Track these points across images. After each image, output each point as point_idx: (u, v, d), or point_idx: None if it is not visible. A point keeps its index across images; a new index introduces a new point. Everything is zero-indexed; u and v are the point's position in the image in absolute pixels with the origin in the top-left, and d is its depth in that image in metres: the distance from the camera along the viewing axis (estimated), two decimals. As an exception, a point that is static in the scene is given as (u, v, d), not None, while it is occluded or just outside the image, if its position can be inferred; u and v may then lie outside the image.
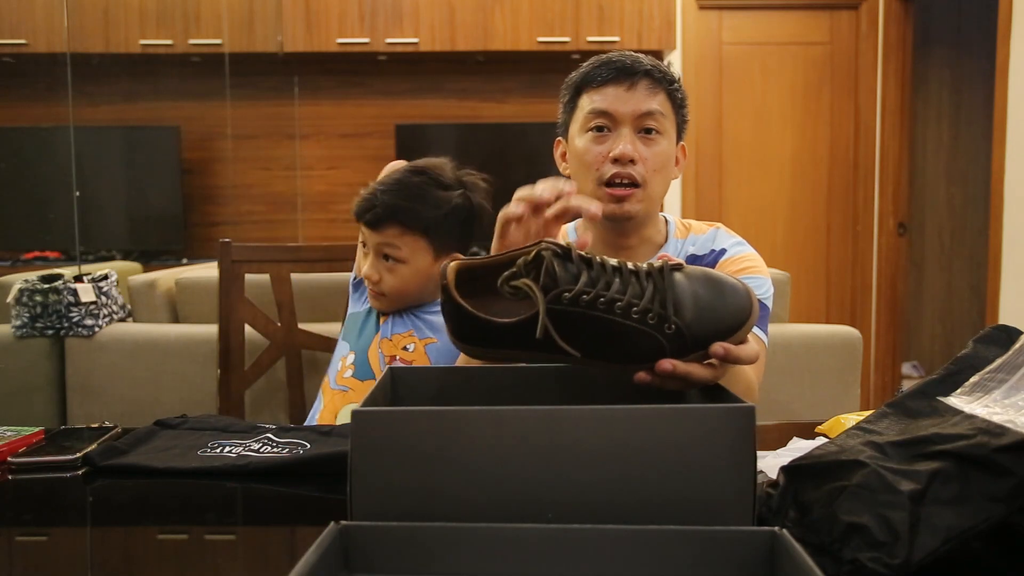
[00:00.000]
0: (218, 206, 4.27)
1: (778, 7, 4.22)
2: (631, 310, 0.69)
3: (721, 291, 0.72)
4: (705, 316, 0.71)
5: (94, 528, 0.78)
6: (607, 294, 0.69)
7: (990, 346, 0.73)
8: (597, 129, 1.21)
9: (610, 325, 0.69)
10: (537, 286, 0.68)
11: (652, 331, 0.70)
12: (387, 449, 0.60)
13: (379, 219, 1.34)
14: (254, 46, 3.89)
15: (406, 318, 1.41)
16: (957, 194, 4.70)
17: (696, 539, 0.55)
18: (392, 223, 1.35)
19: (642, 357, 0.70)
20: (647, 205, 1.22)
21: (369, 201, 1.35)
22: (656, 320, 0.70)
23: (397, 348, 1.37)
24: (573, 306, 0.69)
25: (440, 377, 0.82)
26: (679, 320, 0.70)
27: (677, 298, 0.71)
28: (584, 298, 0.69)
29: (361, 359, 1.37)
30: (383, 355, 1.36)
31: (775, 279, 1.47)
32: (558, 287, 0.68)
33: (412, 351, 1.37)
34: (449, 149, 4.25)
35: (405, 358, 1.36)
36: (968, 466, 0.59)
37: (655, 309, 0.70)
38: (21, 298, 1.97)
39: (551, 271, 0.68)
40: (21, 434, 0.98)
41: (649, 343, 0.70)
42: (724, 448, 0.60)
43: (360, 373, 1.36)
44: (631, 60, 1.21)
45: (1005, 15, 3.18)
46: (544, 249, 0.69)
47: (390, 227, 1.35)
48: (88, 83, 3.95)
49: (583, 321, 0.69)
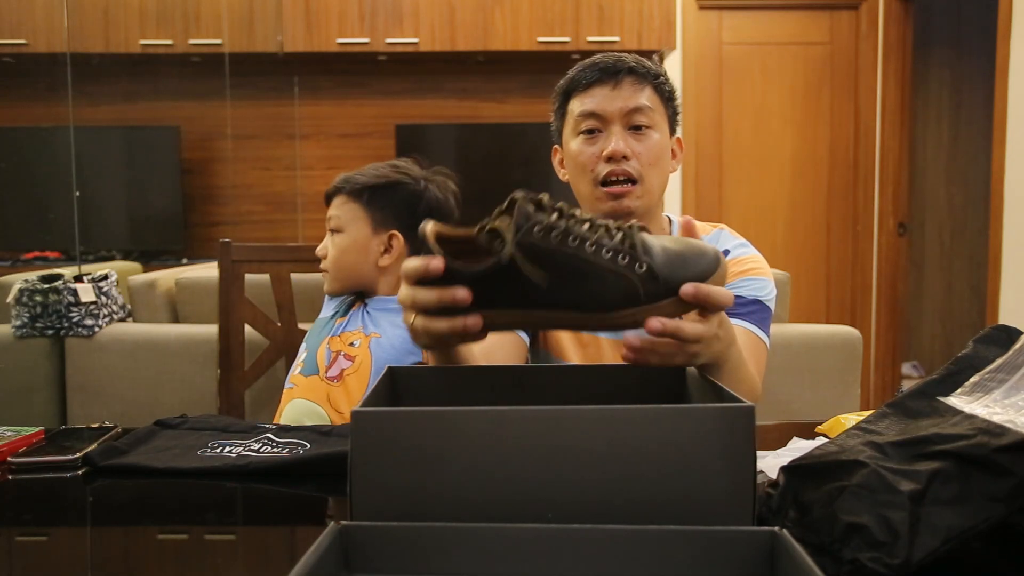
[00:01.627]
0: (218, 206, 4.27)
1: (778, 7, 4.22)
2: (602, 249, 0.70)
3: (688, 244, 0.74)
4: (674, 262, 0.72)
5: (94, 528, 0.78)
6: (578, 231, 0.70)
7: (990, 346, 0.73)
8: (588, 131, 1.22)
9: (581, 264, 0.70)
10: (510, 220, 0.69)
11: (624, 271, 0.70)
12: (387, 449, 0.60)
13: (331, 193, 1.44)
14: (254, 46, 3.89)
15: (358, 315, 1.43)
16: (957, 194, 4.70)
17: (696, 539, 0.55)
18: (338, 194, 1.43)
19: (613, 301, 0.70)
20: (646, 200, 1.22)
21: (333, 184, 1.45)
22: (627, 261, 0.70)
23: (344, 344, 1.40)
24: (544, 241, 0.69)
25: (440, 377, 0.82)
26: (649, 260, 0.71)
27: (646, 243, 0.72)
28: (555, 233, 0.69)
29: (311, 357, 1.40)
30: (330, 351, 1.39)
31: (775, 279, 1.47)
32: (529, 222, 0.69)
33: (357, 347, 1.39)
34: (449, 149, 4.27)
35: (350, 353, 1.38)
36: (968, 466, 0.59)
37: (625, 250, 0.71)
38: (21, 298, 1.97)
39: (523, 210, 0.70)
40: (21, 434, 0.98)
41: (621, 284, 0.70)
42: (724, 448, 0.60)
43: (307, 370, 1.39)
44: (614, 59, 1.22)
45: (1005, 15, 3.18)
46: (519, 193, 0.71)
47: (336, 198, 1.43)
48: (88, 83, 3.95)
49: (554, 256, 0.69)
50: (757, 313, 1.21)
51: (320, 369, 1.37)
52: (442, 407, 0.61)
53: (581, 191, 1.24)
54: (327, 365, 1.38)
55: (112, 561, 0.73)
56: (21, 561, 0.72)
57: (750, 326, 1.19)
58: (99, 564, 0.71)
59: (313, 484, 0.86)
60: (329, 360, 1.38)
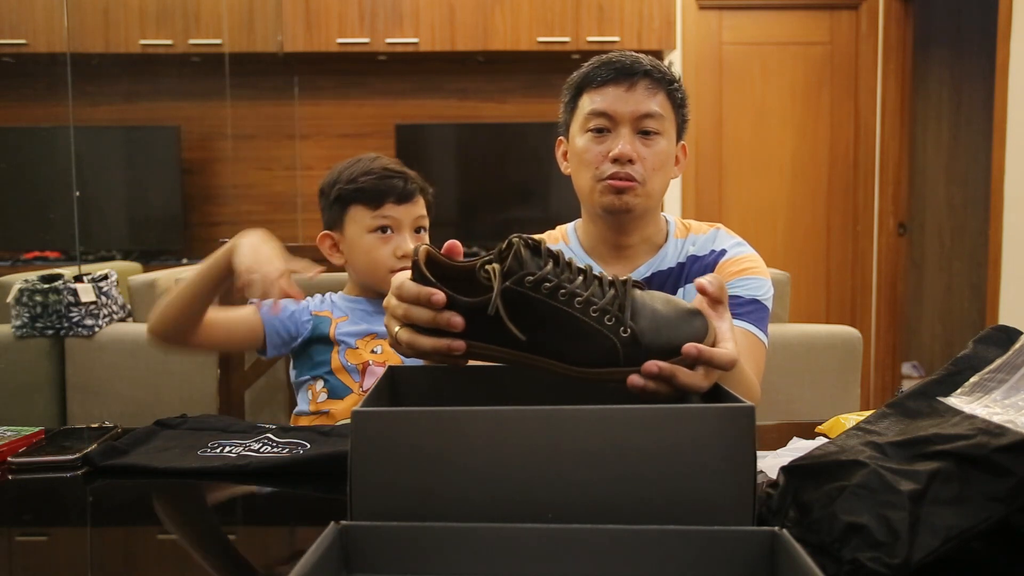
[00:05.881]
0: (218, 206, 4.27)
1: (778, 7, 4.22)
2: (590, 307, 0.70)
3: (678, 310, 0.73)
4: (661, 329, 0.71)
5: (94, 528, 0.78)
6: (569, 287, 0.70)
7: (990, 346, 0.73)
8: (597, 130, 1.21)
9: (568, 319, 0.70)
10: (501, 267, 0.69)
11: (608, 332, 0.70)
12: (387, 449, 0.60)
13: (414, 191, 1.40)
14: (254, 46, 3.89)
15: (356, 319, 1.39)
16: (957, 194, 4.69)
17: (696, 539, 0.55)
18: (420, 195, 1.41)
19: (594, 358, 0.70)
20: (646, 201, 1.22)
21: (396, 178, 1.39)
22: (613, 322, 0.70)
23: (366, 353, 1.36)
24: (535, 291, 0.69)
25: (440, 377, 0.82)
26: (635, 325, 0.70)
27: (635, 306, 0.71)
28: (546, 285, 0.70)
29: (332, 383, 1.35)
30: (353, 366, 1.35)
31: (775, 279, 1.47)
32: (522, 271, 0.70)
33: (380, 352, 1.36)
34: (449, 149, 4.28)
35: (377, 360, 1.35)
36: (968, 466, 0.59)
37: (613, 311, 0.70)
38: (21, 298, 1.97)
39: (519, 257, 0.70)
40: (21, 434, 0.98)
41: (603, 344, 0.70)
42: (724, 448, 0.60)
43: (337, 393, 1.35)
44: (631, 60, 1.21)
45: (1005, 15, 3.18)
46: (516, 238, 0.71)
47: (418, 197, 1.41)
48: (88, 83, 3.95)
49: (542, 309, 0.70)
50: (755, 313, 1.21)
51: (352, 387, 1.34)
52: (442, 407, 0.61)
53: (582, 185, 1.25)
54: (359, 381, 1.34)
55: (112, 561, 0.73)
56: (21, 561, 0.72)
57: (748, 326, 1.19)
58: (99, 564, 0.71)
59: (313, 484, 0.86)
60: (358, 375, 1.34)
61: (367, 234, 1.38)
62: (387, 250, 1.37)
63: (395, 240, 1.38)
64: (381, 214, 1.37)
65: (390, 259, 1.37)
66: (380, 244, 1.38)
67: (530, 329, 0.70)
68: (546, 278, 0.70)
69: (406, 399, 0.79)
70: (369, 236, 1.38)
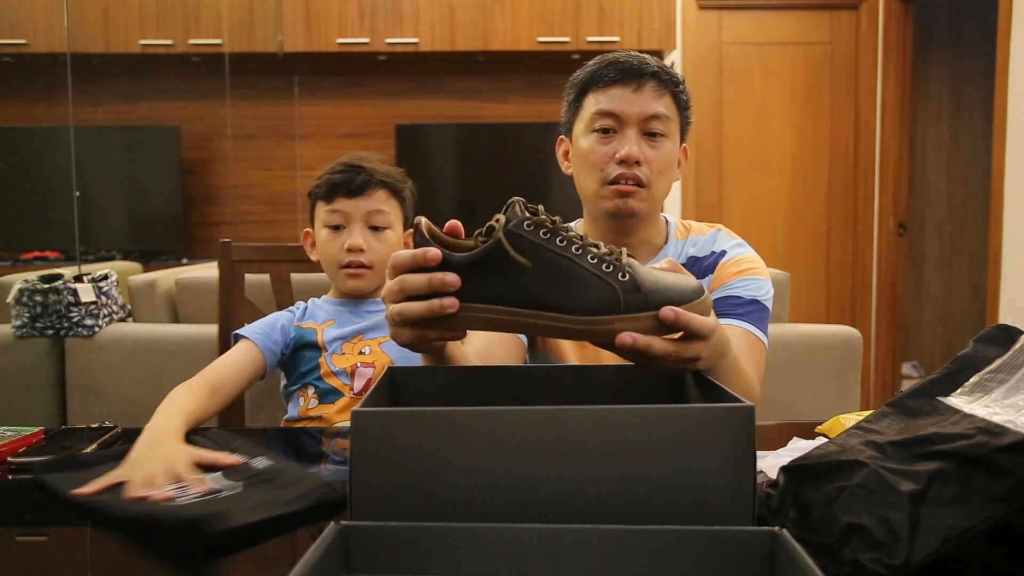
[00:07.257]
0: (218, 206, 4.27)
1: (778, 7, 4.22)
2: (588, 254, 0.72)
3: (675, 272, 0.76)
4: (659, 279, 0.73)
5: (94, 528, 0.78)
6: (566, 235, 0.72)
7: (990, 346, 0.73)
8: (603, 130, 1.20)
9: (566, 263, 0.71)
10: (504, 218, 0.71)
11: (607, 277, 0.71)
12: (387, 449, 0.60)
13: (367, 184, 1.36)
14: (254, 46, 3.89)
15: (343, 323, 1.38)
16: (957, 194, 4.69)
17: (696, 539, 0.55)
18: (379, 187, 1.37)
19: (594, 305, 0.71)
20: (650, 204, 1.22)
21: (349, 172, 1.36)
22: (612, 269, 0.72)
23: (354, 356, 1.35)
24: (534, 236, 0.71)
25: (440, 377, 0.82)
26: (633, 271, 0.72)
27: (632, 263, 0.74)
28: (544, 230, 0.72)
29: (322, 388, 1.34)
30: (341, 370, 1.33)
31: (775, 279, 1.47)
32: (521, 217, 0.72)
33: (368, 353, 1.35)
34: (449, 149, 4.28)
35: (365, 361, 1.34)
36: (968, 466, 0.59)
37: (611, 260, 0.72)
38: (21, 298, 1.97)
39: (519, 211, 0.72)
40: (21, 434, 0.98)
41: (603, 289, 0.71)
42: (724, 448, 0.60)
43: (328, 399, 1.33)
44: (638, 61, 1.20)
45: (1005, 15, 3.17)
46: (516, 198, 0.73)
47: (377, 191, 1.37)
48: (88, 83, 3.95)
49: (540, 251, 0.71)
50: (755, 313, 1.21)
51: (343, 390, 1.32)
52: (442, 407, 0.61)
53: (586, 187, 1.24)
54: (349, 384, 1.32)
55: (112, 561, 0.73)
56: (21, 561, 0.72)
57: (748, 326, 1.19)
58: (99, 564, 0.71)
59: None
60: (348, 378, 1.32)
61: (323, 229, 1.39)
62: (337, 244, 1.36)
63: (344, 234, 1.36)
64: (332, 208, 1.37)
65: (340, 252, 1.36)
66: (333, 238, 1.37)
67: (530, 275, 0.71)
68: (544, 224, 0.72)
69: (406, 399, 0.79)
70: (324, 231, 1.38)
